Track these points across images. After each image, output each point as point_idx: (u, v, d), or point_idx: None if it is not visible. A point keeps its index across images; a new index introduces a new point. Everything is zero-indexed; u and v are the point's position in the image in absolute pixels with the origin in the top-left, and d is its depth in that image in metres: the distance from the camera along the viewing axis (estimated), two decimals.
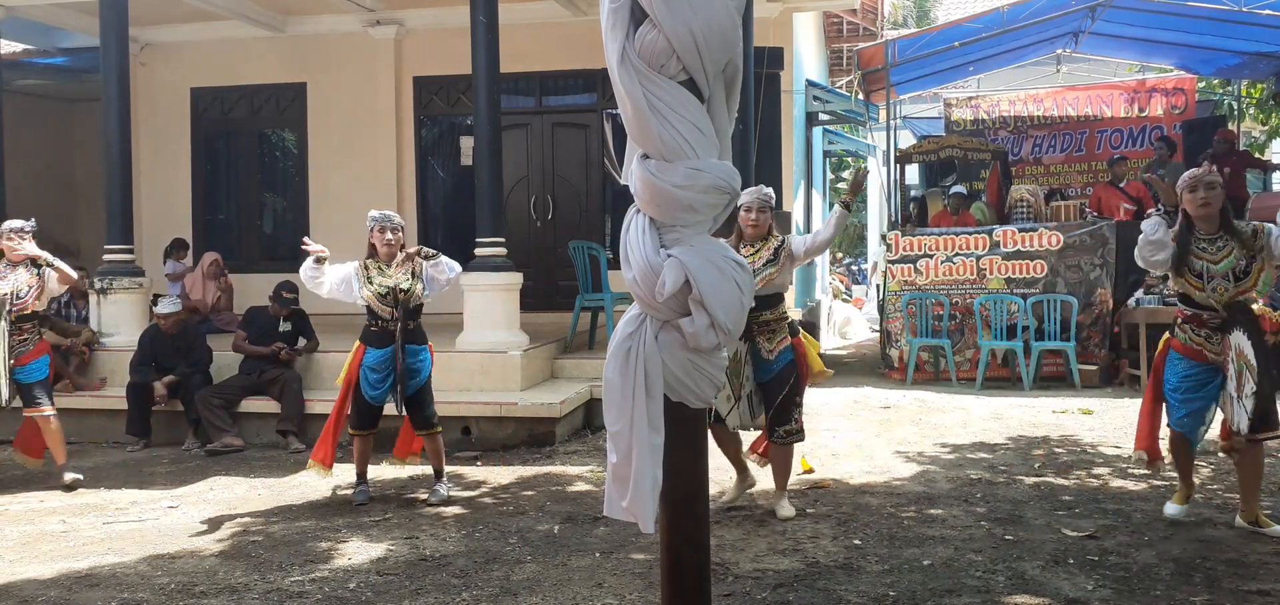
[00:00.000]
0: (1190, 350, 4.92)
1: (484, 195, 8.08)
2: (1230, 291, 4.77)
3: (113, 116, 8.56)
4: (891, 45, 11.93)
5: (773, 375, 5.40)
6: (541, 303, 10.59)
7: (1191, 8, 11.06)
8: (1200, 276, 4.82)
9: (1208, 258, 4.81)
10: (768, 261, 5.36)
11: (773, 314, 5.39)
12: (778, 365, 5.40)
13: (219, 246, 11.68)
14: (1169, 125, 14.18)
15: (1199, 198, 4.80)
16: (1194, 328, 4.90)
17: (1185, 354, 4.93)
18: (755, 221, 5.42)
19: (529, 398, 7.59)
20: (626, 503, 2.43)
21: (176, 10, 10.89)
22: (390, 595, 4.36)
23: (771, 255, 5.38)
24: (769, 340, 5.39)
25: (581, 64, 11.10)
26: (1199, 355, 4.89)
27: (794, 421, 5.45)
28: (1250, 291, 4.81)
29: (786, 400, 5.41)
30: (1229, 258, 4.78)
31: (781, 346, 5.41)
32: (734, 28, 2.36)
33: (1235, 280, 4.77)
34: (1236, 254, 4.78)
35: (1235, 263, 4.77)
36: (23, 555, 5.11)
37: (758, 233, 5.43)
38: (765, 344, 5.39)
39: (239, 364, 8.02)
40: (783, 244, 5.43)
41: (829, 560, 4.67)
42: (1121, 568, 4.47)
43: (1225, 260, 4.78)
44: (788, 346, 5.43)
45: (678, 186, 2.33)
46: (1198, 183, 4.81)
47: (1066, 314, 9.99)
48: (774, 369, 5.40)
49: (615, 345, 2.44)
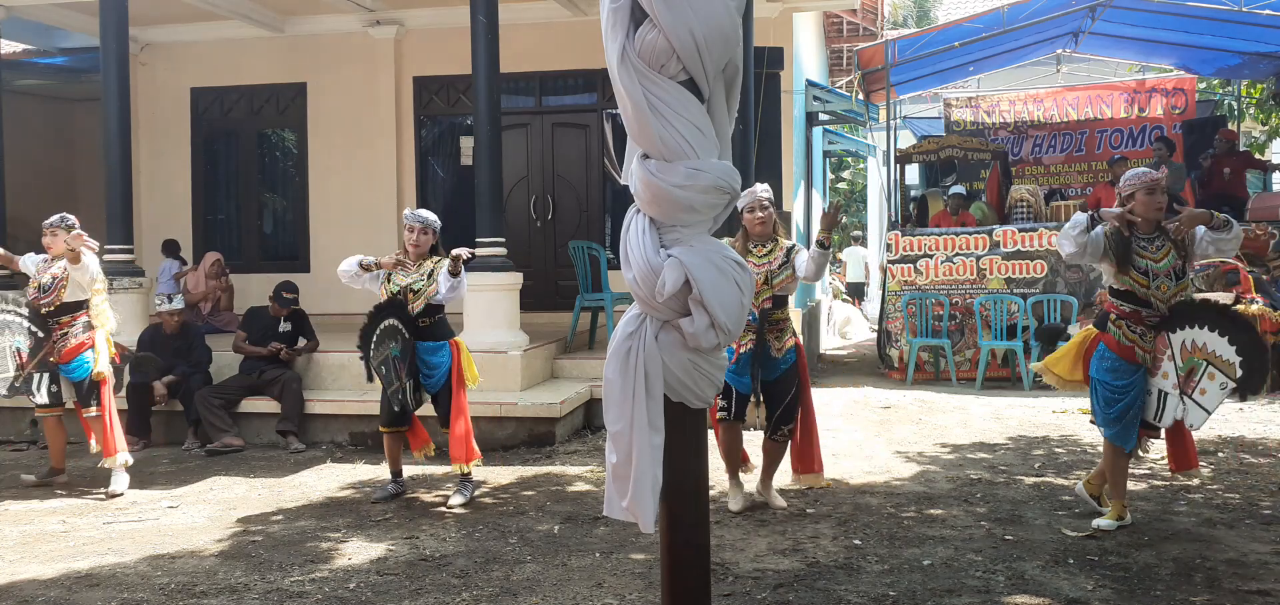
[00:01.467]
0: (1122, 348, 5.00)
1: (484, 195, 8.08)
2: (1172, 289, 4.92)
3: (113, 116, 8.56)
4: (891, 45, 11.93)
5: (779, 374, 5.46)
6: (541, 303, 10.58)
7: (1191, 8, 11.06)
8: (1145, 274, 4.93)
9: (1150, 256, 4.94)
10: (783, 264, 5.39)
11: (781, 314, 5.46)
12: (784, 365, 5.46)
13: (219, 246, 11.70)
14: (1169, 125, 14.18)
15: (1156, 202, 4.95)
16: (1131, 325, 5.00)
17: (1116, 351, 5.01)
18: (761, 220, 5.42)
19: (529, 398, 7.59)
20: (626, 503, 2.43)
21: (176, 10, 10.88)
22: (390, 595, 4.36)
23: (784, 258, 5.40)
24: (778, 339, 5.44)
25: (581, 64, 11.10)
26: (1129, 354, 4.98)
27: (795, 420, 5.54)
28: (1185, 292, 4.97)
29: (792, 401, 5.49)
30: (1168, 257, 4.93)
31: (788, 346, 5.47)
32: (734, 28, 2.36)
33: (1176, 278, 4.92)
34: (1174, 254, 4.93)
35: (1174, 262, 4.93)
36: (23, 555, 5.11)
37: (765, 231, 5.43)
38: (774, 343, 5.42)
39: (239, 364, 8.03)
40: (794, 248, 5.45)
41: (829, 560, 4.67)
42: (1121, 568, 4.47)
43: (1165, 259, 4.93)
44: (793, 347, 5.50)
45: (678, 186, 2.33)
46: (1156, 186, 4.97)
47: (1066, 314, 9.99)
48: (781, 368, 5.46)
49: (615, 345, 2.44)
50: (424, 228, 5.97)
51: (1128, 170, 5.36)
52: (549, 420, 7.42)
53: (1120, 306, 5.02)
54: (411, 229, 5.96)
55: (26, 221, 10.05)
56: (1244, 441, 7.07)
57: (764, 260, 5.39)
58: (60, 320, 6.35)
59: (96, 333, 6.41)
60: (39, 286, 6.36)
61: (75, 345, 6.35)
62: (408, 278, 5.93)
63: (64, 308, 6.34)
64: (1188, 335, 4.91)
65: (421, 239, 5.94)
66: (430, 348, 5.96)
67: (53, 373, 6.40)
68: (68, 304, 6.34)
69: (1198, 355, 4.88)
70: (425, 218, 6.02)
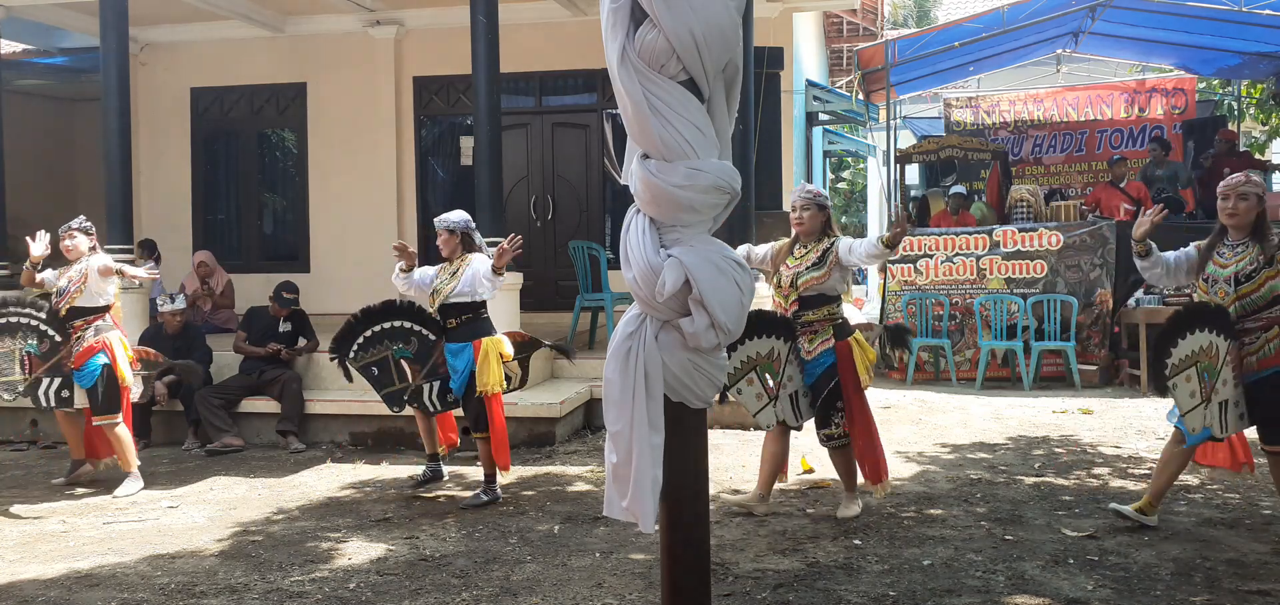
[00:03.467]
0: None
1: (484, 195, 8.08)
2: (1229, 295, 4.73)
3: (113, 116, 8.55)
4: (891, 45, 11.94)
5: (814, 378, 5.36)
6: (541, 303, 10.58)
7: (1191, 8, 11.06)
8: (1207, 280, 4.80)
9: (1220, 262, 4.78)
10: (812, 265, 5.31)
11: (815, 314, 5.32)
12: (818, 367, 5.34)
13: (219, 246, 11.71)
14: (1169, 125, 14.18)
15: (1227, 207, 4.77)
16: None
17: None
18: (800, 220, 5.36)
19: (529, 398, 7.59)
20: (626, 503, 2.44)
21: (176, 10, 10.88)
22: (390, 595, 4.36)
23: (817, 258, 5.32)
24: (810, 341, 5.35)
25: (581, 64, 11.10)
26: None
27: (834, 426, 5.38)
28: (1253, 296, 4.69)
29: (826, 403, 5.34)
30: (1237, 264, 4.72)
31: (822, 348, 5.33)
32: (734, 28, 2.36)
33: (1235, 285, 4.71)
34: (1249, 260, 4.70)
35: (1239, 268, 4.71)
36: (23, 555, 5.11)
37: (806, 232, 5.37)
38: (806, 344, 5.36)
39: (239, 364, 8.02)
40: (832, 247, 5.33)
41: (829, 560, 4.67)
42: (1121, 568, 4.47)
43: (1233, 265, 4.73)
44: (828, 348, 5.33)
45: (678, 186, 2.34)
46: (1230, 192, 4.78)
47: (1066, 314, 9.99)
48: (814, 371, 5.35)
49: (615, 345, 2.44)
50: (439, 230, 6.01)
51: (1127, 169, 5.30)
52: (549, 420, 7.42)
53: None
54: (440, 231, 6.01)
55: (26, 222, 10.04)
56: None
57: (797, 262, 5.34)
58: (74, 325, 6.33)
59: (110, 336, 6.36)
60: (56, 291, 6.35)
61: (86, 349, 6.31)
62: (439, 279, 5.98)
63: (76, 312, 6.31)
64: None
65: (451, 239, 5.97)
66: (453, 349, 5.95)
67: (66, 378, 6.35)
68: (80, 308, 6.31)
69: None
70: (445, 220, 6.02)
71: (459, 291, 5.84)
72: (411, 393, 6.07)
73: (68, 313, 6.30)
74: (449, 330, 5.94)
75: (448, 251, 5.98)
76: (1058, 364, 9.98)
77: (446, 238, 5.98)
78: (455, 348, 5.94)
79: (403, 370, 5.99)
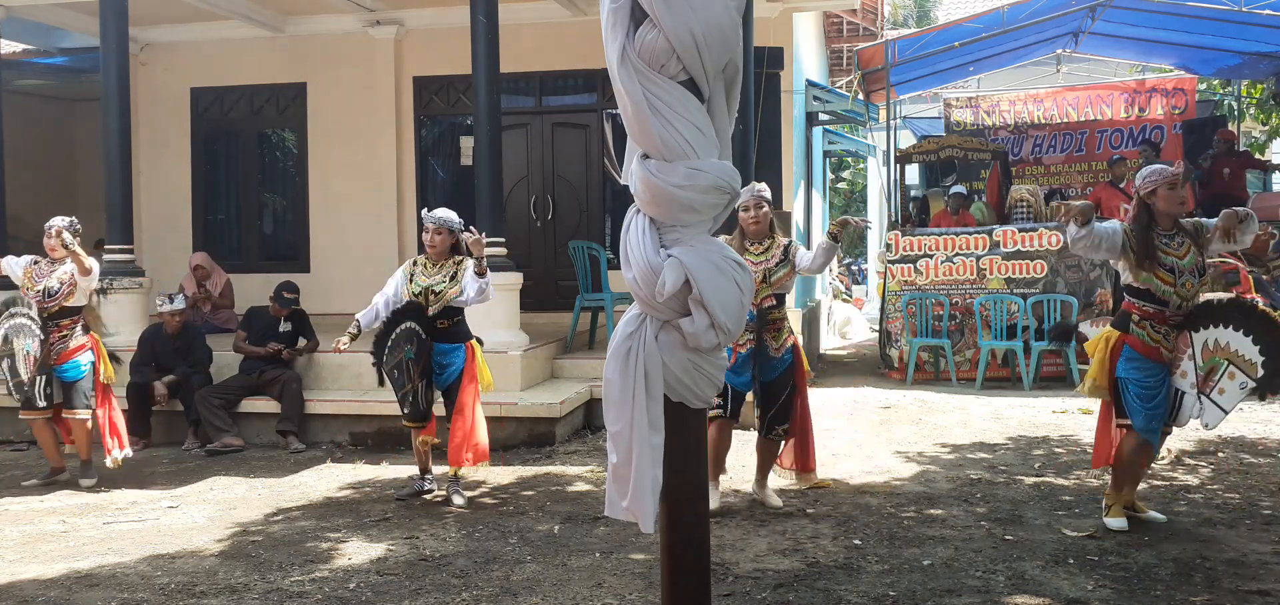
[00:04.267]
0: (1148, 349, 4.89)
1: (484, 195, 8.08)
2: (1195, 287, 4.84)
3: (113, 116, 8.56)
4: (891, 45, 11.92)
5: (777, 374, 5.48)
6: (541, 303, 10.58)
7: (1191, 8, 11.05)
8: (1171, 272, 4.83)
9: (1174, 253, 4.84)
10: (780, 262, 5.40)
11: (779, 312, 5.47)
12: (782, 365, 5.49)
13: (219, 246, 11.72)
14: (1169, 125, 14.17)
15: (1177, 196, 4.87)
16: (1155, 325, 4.88)
17: (1143, 353, 4.89)
18: (755, 218, 5.42)
19: (529, 398, 7.60)
20: (626, 503, 2.44)
21: (176, 10, 10.88)
22: (390, 595, 4.36)
23: (783, 255, 5.41)
24: (775, 338, 5.44)
25: (581, 64, 11.10)
26: (1156, 354, 4.89)
27: (790, 420, 5.58)
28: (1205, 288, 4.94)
29: (788, 400, 5.53)
30: (1190, 255, 4.85)
31: (786, 345, 5.50)
32: (734, 28, 2.36)
33: (1198, 275, 4.85)
34: (1193, 251, 4.85)
35: (1195, 260, 4.84)
36: (23, 555, 5.11)
37: (760, 229, 5.43)
38: (772, 342, 5.43)
39: (239, 364, 8.03)
40: (791, 245, 5.46)
41: (829, 560, 4.67)
42: (1121, 568, 4.47)
43: (1188, 256, 4.84)
44: (791, 345, 5.53)
45: (678, 186, 2.33)
46: (1176, 181, 4.89)
47: (1066, 314, 9.99)
48: (779, 368, 5.48)
49: (615, 345, 2.44)
50: (439, 227, 5.90)
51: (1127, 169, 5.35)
52: (549, 420, 7.42)
53: (1142, 306, 4.89)
54: (427, 230, 5.93)
55: (26, 221, 10.05)
56: (1244, 441, 7.06)
57: (761, 258, 5.39)
58: (60, 324, 6.47)
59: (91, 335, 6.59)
60: (45, 291, 6.40)
61: (74, 348, 6.50)
62: (429, 279, 5.88)
63: (65, 312, 6.47)
64: (1211, 334, 4.81)
65: (437, 239, 5.89)
66: (445, 349, 5.93)
67: (49, 376, 6.48)
68: (68, 308, 6.48)
69: (1220, 355, 4.79)
70: (441, 217, 5.95)
71: (464, 298, 5.83)
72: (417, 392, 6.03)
73: (55, 312, 6.45)
74: (440, 331, 5.91)
75: (439, 249, 5.91)
76: (1058, 364, 9.98)
77: (445, 235, 5.92)
78: (448, 348, 5.93)
79: (411, 372, 5.99)
